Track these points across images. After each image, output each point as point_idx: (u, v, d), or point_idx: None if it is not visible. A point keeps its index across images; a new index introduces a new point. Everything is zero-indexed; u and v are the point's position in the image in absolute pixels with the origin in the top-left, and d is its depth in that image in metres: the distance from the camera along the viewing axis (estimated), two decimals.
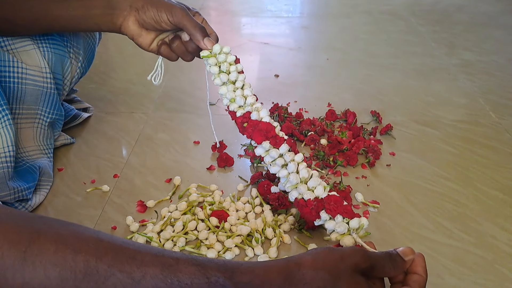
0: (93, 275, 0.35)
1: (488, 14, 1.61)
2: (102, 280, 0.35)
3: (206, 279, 0.37)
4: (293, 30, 1.49)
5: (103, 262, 0.36)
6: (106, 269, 0.36)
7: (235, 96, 0.60)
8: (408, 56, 1.24)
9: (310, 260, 0.40)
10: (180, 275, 0.37)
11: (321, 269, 0.39)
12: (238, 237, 0.61)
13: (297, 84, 1.08)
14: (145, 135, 0.86)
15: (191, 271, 0.37)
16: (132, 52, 1.25)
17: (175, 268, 0.37)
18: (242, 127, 0.60)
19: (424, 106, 0.97)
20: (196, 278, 0.37)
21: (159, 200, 0.68)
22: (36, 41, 0.69)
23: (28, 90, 0.68)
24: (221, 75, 0.60)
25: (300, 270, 0.39)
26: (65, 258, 0.35)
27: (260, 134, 0.57)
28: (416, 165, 0.77)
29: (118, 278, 0.36)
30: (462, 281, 0.55)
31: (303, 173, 0.56)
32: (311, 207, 0.54)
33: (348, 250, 0.42)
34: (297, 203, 0.56)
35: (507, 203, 0.69)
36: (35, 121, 0.71)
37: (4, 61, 0.65)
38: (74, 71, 0.76)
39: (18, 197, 0.63)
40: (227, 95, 0.60)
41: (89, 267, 0.35)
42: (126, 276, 0.36)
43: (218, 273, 0.38)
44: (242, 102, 0.60)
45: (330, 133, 0.83)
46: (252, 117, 0.59)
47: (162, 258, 0.38)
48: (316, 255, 0.41)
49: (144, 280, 0.36)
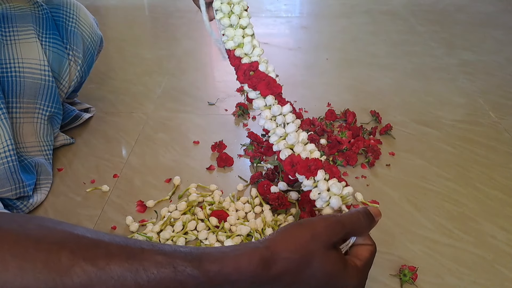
0: (54, 264, 0.33)
1: (487, 14, 1.61)
2: (65, 270, 0.33)
3: (173, 268, 0.36)
4: (293, 30, 1.49)
5: (66, 249, 0.34)
6: (70, 256, 0.34)
7: (244, 42, 0.56)
8: (407, 56, 1.24)
9: (281, 244, 0.39)
10: (146, 264, 0.35)
11: (293, 252, 0.39)
12: (238, 237, 0.61)
13: (296, 84, 1.08)
14: (145, 135, 0.86)
15: (157, 260, 0.36)
16: (132, 52, 1.25)
17: (140, 257, 0.36)
18: (244, 75, 0.56)
19: (423, 106, 0.97)
20: (163, 267, 0.36)
21: (159, 200, 0.68)
22: (39, 35, 0.70)
23: (27, 83, 0.68)
24: (232, 16, 0.56)
25: (272, 256, 0.39)
26: (26, 248, 0.33)
27: (267, 87, 0.54)
28: (415, 165, 0.77)
29: (81, 267, 0.34)
30: (461, 280, 0.56)
31: (303, 135, 0.55)
32: (309, 164, 0.52)
33: (319, 226, 0.41)
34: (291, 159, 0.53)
35: (507, 203, 0.69)
36: (35, 115, 0.71)
37: (1, 55, 0.66)
38: (73, 73, 0.77)
39: (19, 193, 0.63)
40: (235, 39, 0.56)
41: (51, 256, 0.33)
42: (91, 264, 0.34)
43: (185, 262, 0.36)
44: (250, 50, 0.56)
45: (330, 133, 0.83)
46: (260, 68, 0.56)
47: (127, 247, 0.36)
48: (287, 237, 0.40)
49: (109, 268, 0.34)
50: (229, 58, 0.57)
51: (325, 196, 0.51)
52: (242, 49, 0.56)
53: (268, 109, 0.55)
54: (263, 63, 0.56)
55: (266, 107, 0.56)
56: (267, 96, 0.55)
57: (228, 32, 0.56)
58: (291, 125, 0.55)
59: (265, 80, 0.55)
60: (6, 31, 0.66)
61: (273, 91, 0.55)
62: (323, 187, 0.51)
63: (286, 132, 0.55)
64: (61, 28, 0.74)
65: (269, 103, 0.55)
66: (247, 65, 0.55)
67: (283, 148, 0.55)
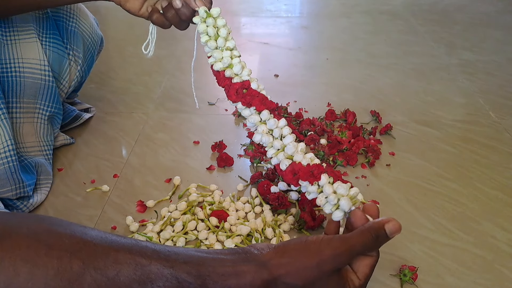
0: (66, 272, 0.34)
1: (487, 13, 1.61)
2: (75, 278, 0.34)
3: (178, 283, 0.37)
4: (293, 30, 1.49)
5: (77, 258, 0.35)
6: (81, 265, 0.34)
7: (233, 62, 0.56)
8: (407, 56, 1.24)
9: (285, 269, 0.39)
10: (153, 277, 0.37)
11: (296, 279, 0.39)
12: (238, 237, 0.61)
13: (296, 84, 1.08)
14: (144, 135, 0.86)
15: (164, 274, 0.37)
16: (132, 52, 1.25)
17: (148, 269, 0.37)
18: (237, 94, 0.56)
19: (423, 106, 0.97)
20: (168, 281, 0.37)
21: (159, 200, 0.68)
22: (39, 35, 0.70)
23: (27, 83, 0.68)
24: (219, 39, 0.56)
25: (274, 280, 0.39)
26: (38, 253, 0.34)
27: (261, 102, 0.55)
28: (415, 165, 0.77)
29: (92, 276, 0.35)
30: (461, 280, 0.56)
31: (302, 146, 0.55)
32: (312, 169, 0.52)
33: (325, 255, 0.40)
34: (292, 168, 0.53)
35: (507, 203, 0.69)
36: (35, 115, 0.71)
37: (2, 55, 0.66)
38: (73, 73, 0.77)
39: (19, 193, 0.63)
40: (224, 60, 0.56)
41: (62, 264, 0.34)
42: (100, 274, 0.35)
43: (190, 279, 0.38)
44: (239, 70, 0.56)
45: (330, 133, 0.83)
46: (252, 86, 0.56)
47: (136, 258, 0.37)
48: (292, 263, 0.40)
49: (118, 279, 0.35)
50: (217, 80, 0.57)
51: (332, 199, 0.50)
52: (232, 70, 0.55)
53: (264, 124, 0.55)
54: (254, 81, 0.56)
55: (262, 122, 0.55)
56: (262, 111, 0.55)
57: (215, 54, 0.56)
58: (289, 136, 0.55)
59: (258, 97, 0.55)
60: (6, 31, 0.66)
61: (268, 107, 0.55)
62: (329, 190, 0.50)
63: (284, 144, 0.55)
64: (61, 28, 0.74)
65: (264, 118, 0.55)
66: (239, 84, 0.55)
67: (282, 159, 0.54)
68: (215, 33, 0.56)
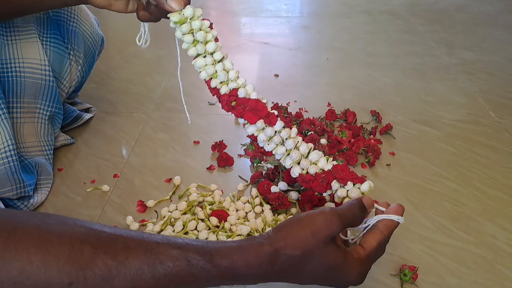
0: (77, 257, 0.35)
1: (488, 13, 1.61)
2: (87, 263, 0.35)
3: (187, 261, 0.39)
4: (293, 30, 1.49)
5: (87, 244, 0.36)
6: (91, 250, 0.36)
7: (216, 70, 0.53)
8: (408, 56, 1.24)
9: (283, 242, 0.42)
10: (162, 258, 0.38)
11: (294, 249, 0.41)
12: (238, 236, 0.61)
13: (297, 84, 1.08)
14: (145, 135, 0.86)
15: (172, 254, 0.39)
16: (132, 52, 1.25)
17: (156, 251, 0.38)
18: (228, 106, 0.54)
19: (424, 105, 0.97)
20: (178, 260, 0.38)
21: (159, 200, 0.68)
22: (40, 35, 0.70)
23: (27, 83, 0.68)
24: (198, 46, 0.51)
25: (275, 252, 0.41)
26: (49, 241, 0.35)
27: (253, 113, 0.54)
28: (416, 165, 0.77)
29: (102, 260, 0.36)
30: (462, 280, 0.56)
31: (303, 148, 0.55)
32: (321, 180, 0.54)
33: (318, 222, 0.43)
34: (303, 178, 0.55)
35: (507, 202, 0.69)
36: (35, 115, 0.71)
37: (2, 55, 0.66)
38: (74, 73, 0.77)
39: (20, 193, 0.63)
40: (207, 70, 0.52)
41: (74, 250, 0.35)
42: (111, 258, 0.36)
43: (198, 256, 0.39)
44: (224, 77, 0.53)
45: (330, 133, 0.83)
46: (239, 95, 0.53)
47: (143, 241, 0.39)
48: (288, 235, 0.42)
49: (128, 262, 0.37)
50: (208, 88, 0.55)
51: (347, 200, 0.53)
52: (217, 79, 0.53)
53: (262, 132, 0.55)
54: (241, 87, 0.54)
55: (259, 130, 0.55)
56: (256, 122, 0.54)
57: (198, 62, 0.53)
58: (289, 142, 0.55)
59: (248, 107, 0.54)
60: (7, 31, 0.66)
61: (260, 115, 0.54)
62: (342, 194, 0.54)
63: (287, 150, 0.56)
64: (62, 28, 0.74)
65: (260, 127, 0.55)
66: (226, 96, 0.53)
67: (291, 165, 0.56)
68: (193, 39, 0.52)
